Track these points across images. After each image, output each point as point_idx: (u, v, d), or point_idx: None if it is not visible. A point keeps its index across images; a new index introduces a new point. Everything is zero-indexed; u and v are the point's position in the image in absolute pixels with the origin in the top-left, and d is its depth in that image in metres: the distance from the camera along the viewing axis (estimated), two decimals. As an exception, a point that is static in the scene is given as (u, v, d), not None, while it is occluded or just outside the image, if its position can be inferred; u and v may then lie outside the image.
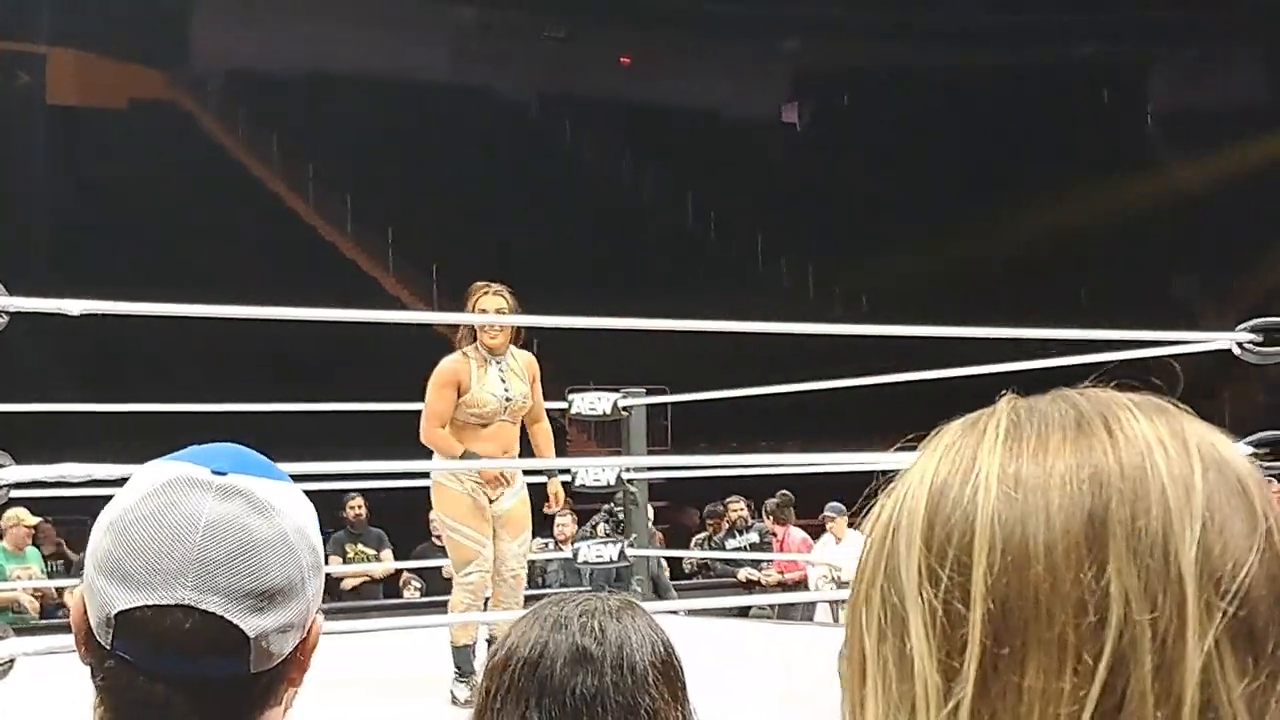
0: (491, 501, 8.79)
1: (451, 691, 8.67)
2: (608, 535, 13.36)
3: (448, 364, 8.89)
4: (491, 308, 8.87)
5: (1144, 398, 0.97)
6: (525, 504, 9.10)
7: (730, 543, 15.87)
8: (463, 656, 8.70)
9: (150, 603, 1.60)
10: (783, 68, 52.58)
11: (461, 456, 8.69)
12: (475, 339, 8.95)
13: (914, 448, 1.01)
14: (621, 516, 13.14)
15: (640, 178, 46.12)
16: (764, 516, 16.31)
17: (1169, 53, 52.17)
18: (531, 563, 16.77)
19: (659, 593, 14.02)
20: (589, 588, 11.36)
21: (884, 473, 1.01)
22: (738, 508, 16.03)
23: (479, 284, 9.07)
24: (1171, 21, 50.76)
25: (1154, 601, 0.88)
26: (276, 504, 1.66)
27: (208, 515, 1.62)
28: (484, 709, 2.33)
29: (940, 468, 0.95)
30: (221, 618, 1.60)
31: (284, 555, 1.64)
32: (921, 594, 0.91)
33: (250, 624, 1.61)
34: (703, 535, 16.79)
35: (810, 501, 17.50)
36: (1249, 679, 0.88)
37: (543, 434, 9.38)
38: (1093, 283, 40.63)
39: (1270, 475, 7.04)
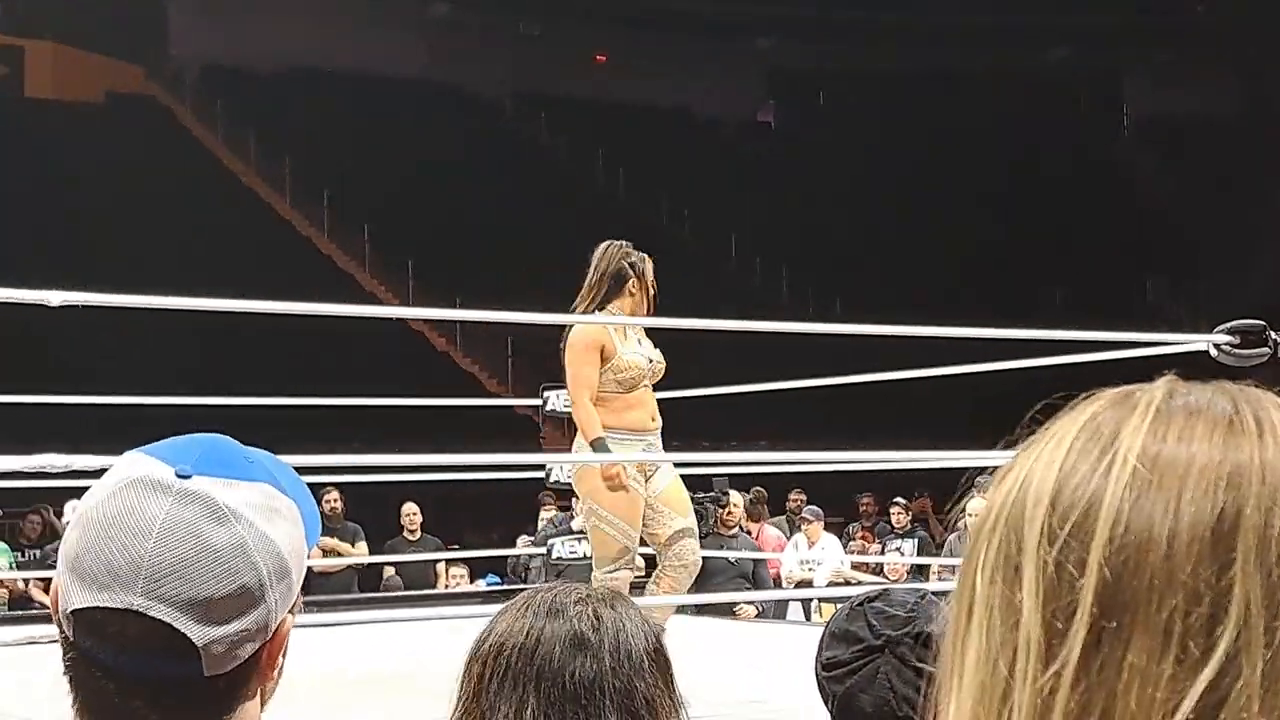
0: (648, 479, 8.13)
1: None
2: (581, 531, 13.36)
3: (588, 327, 8.10)
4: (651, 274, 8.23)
5: None
6: (680, 481, 8.43)
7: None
8: None
9: (100, 604, 1.60)
10: (758, 67, 52.59)
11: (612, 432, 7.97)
12: (608, 301, 8.16)
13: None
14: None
15: (614, 176, 46.10)
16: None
17: (1144, 57, 52.27)
18: (515, 558, 16.84)
19: (759, 587, 14.07)
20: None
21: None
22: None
23: (621, 245, 8.26)
24: (1146, 26, 50.89)
25: (1274, 610, 0.88)
26: (238, 509, 1.64)
27: (163, 521, 1.61)
28: (478, 695, 2.34)
29: (1081, 435, 0.95)
30: (169, 625, 1.59)
31: (239, 564, 1.62)
32: (1039, 551, 0.92)
33: (198, 633, 1.60)
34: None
35: (779, 500, 17.57)
36: None
37: None
38: (1067, 285, 40.70)
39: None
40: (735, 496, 14.55)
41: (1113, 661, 0.89)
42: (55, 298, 6.26)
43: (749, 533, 15.96)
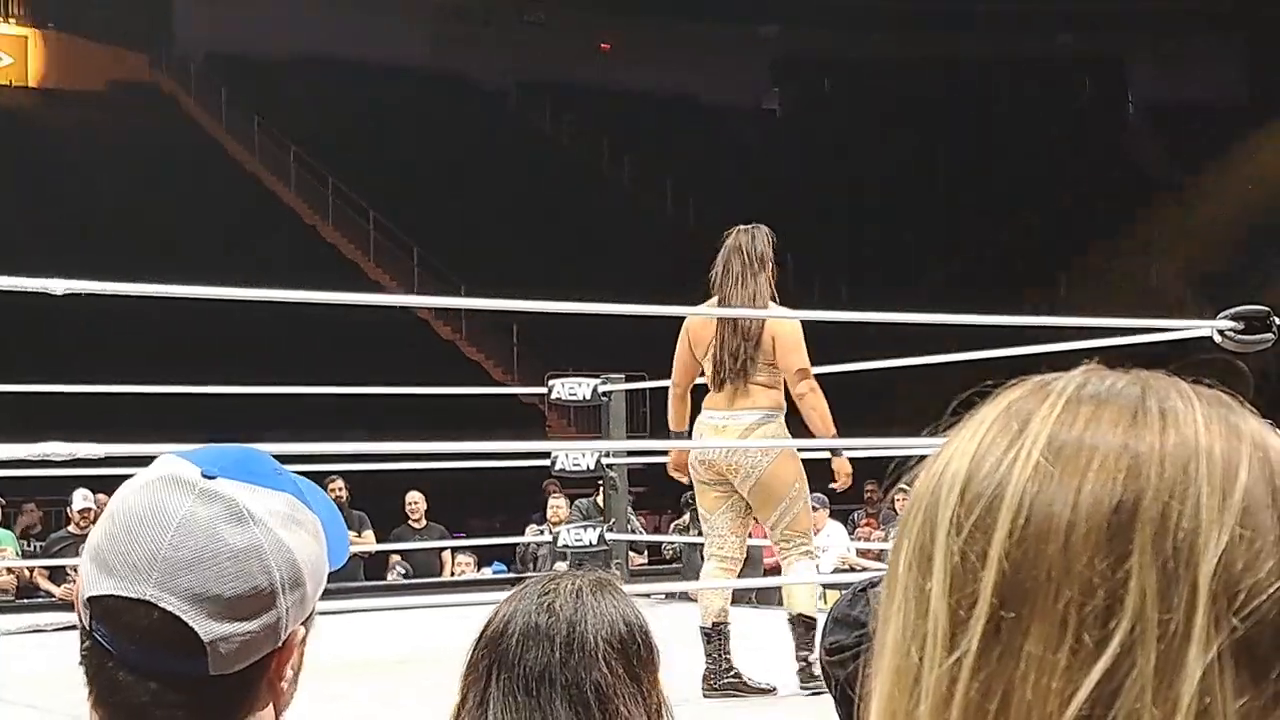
0: None
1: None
2: (588, 519, 13.37)
3: (797, 321, 8.23)
4: None
5: (1215, 394, 0.98)
6: None
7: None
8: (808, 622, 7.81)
9: (116, 593, 1.64)
10: (763, 54, 52.58)
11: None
12: (770, 286, 8.27)
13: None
14: None
15: (618, 164, 46.10)
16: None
17: (1150, 43, 52.22)
18: (525, 546, 16.88)
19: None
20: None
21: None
22: None
23: (757, 228, 8.50)
24: (1152, 12, 50.84)
25: (1169, 602, 0.90)
26: (258, 514, 1.67)
27: (182, 516, 1.64)
28: (466, 678, 2.42)
29: (995, 424, 0.97)
30: (178, 618, 1.62)
31: (254, 566, 1.64)
32: (948, 540, 0.95)
33: (205, 628, 1.62)
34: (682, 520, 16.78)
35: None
36: (1248, 697, 0.89)
37: None
38: (1070, 271, 40.70)
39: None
40: None
41: (1011, 651, 0.92)
42: (58, 286, 6.26)
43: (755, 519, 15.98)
